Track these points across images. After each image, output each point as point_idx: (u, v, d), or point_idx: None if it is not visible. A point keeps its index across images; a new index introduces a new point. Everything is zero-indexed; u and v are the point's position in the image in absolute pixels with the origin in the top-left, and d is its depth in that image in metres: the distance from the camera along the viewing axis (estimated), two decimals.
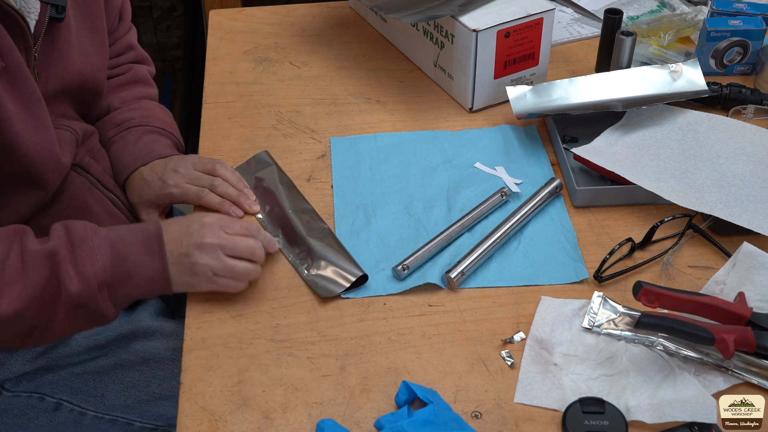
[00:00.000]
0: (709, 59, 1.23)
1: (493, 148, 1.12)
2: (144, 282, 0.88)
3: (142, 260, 0.88)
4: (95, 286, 0.85)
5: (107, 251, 0.86)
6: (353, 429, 0.79)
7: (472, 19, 1.11)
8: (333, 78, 1.27)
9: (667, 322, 0.81)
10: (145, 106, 1.14)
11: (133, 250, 0.88)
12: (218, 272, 0.89)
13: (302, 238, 0.98)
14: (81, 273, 0.84)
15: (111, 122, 1.11)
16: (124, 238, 0.88)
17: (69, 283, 0.83)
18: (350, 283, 0.92)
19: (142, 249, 0.88)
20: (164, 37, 2.52)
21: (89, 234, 0.87)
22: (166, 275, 0.88)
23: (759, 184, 0.99)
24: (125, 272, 0.87)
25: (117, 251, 0.87)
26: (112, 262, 0.86)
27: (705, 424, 0.76)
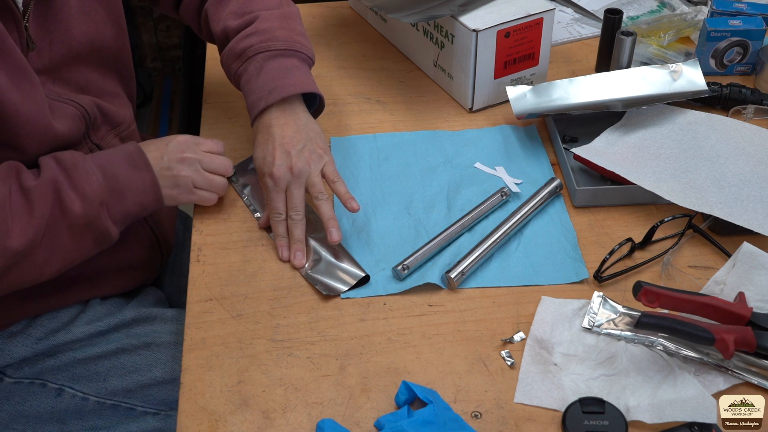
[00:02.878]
0: (709, 59, 1.23)
1: (493, 148, 1.12)
2: (137, 195, 0.92)
3: (132, 175, 0.92)
4: (97, 203, 0.88)
5: (98, 172, 0.89)
6: (353, 429, 0.79)
7: (472, 19, 1.11)
8: (333, 78, 1.27)
9: (667, 322, 0.81)
10: (261, 27, 1.03)
11: (121, 169, 0.91)
12: (198, 184, 0.96)
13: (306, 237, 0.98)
14: (81, 194, 0.87)
15: (232, 54, 1.03)
16: (109, 159, 0.92)
17: (73, 204, 0.87)
18: (353, 284, 0.92)
19: (129, 166, 0.92)
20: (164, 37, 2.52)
21: (79, 159, 0.90)
22: (156, 186, 0.93)
23: (759, 184, 0.99)
24: (119, 189, 0.90)
25: (107, 171, 0.90)
26: (105, 181, 0.89)
27: (705, 424, 0.76)
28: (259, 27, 1.03)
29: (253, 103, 1.00)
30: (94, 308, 1.04)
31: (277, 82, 0.99)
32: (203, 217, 1.03)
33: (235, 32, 1.04)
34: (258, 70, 1.00)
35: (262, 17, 1.04)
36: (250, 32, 1.02)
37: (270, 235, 0.99)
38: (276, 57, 1.01)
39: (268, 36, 1.02)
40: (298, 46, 1.03)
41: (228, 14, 1.05)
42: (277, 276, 0.95)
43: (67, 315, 1.02)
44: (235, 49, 1.03)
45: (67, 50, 0.96)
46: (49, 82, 0.94)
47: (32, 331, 1.01)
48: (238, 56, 1.02)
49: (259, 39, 1.02)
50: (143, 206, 0.94)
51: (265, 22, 1.03)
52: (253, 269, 0.96)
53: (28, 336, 1.01)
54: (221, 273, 0.95)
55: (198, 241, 0.99)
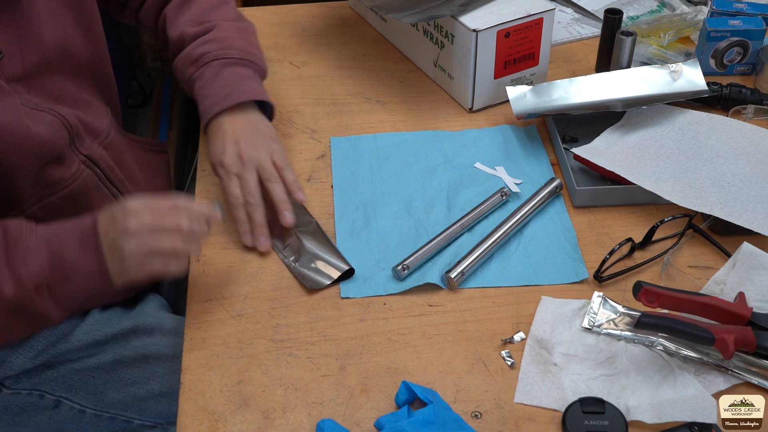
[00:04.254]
0: (709, 59, 1.23)
1: (493, 148, 1.12)
2: (83, 280, 0.82)
3: (80, 257, 0.82)
4: (31, 288, 0.79)
5: (44, 250, 0.81)
6: (353, 429, 0.79)
7: (472, 19, 1.11)
8: (333, 78, 1.27)
9: (667, 322, 0.81)
10: (219, 35, 1.05)
11: (70, 248, 0.82)
12: (148, 257, 0.83)
13: (290, 231, 0.98)
14: (15, 275, 0.79)
15: (188, 59, 1.04)
16: (60, 235, 0.83)
17: (4, 286, 0.78)
18: (337, 276, 0.93)
19: (79, 246, 0.82)
20: None
21: (24, 233, 0.82)
22: (105, 271, 0.82)
23: (759, 184, 0.99)
24: (63, 272, 0.82)
25: (53, 250, 0.82)
26: (49, 262, 0.81)
27: (705, 424, 0.76)
28: (216, 35, 1.05)
29: (207, 107, 1.01)
30: (94, 317, 1.03)
31: (233, 88, 1.01)
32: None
33: (192, 38, 1.05)
34: (214, 76, 1.02)
35: (220, 27, 1.06)
36: (207, 39, 1.04)
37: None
38: (231, 65, 1.03)
39: (226, 44, 1.04)
40: (254, 58, 1.06)
41: (186, 21, 1.07)
42: (277, 276, 0.95)
43: (68, 326, 1.01)
44: (192, 55, 1.04)
45: (39, 57, 0.92)
46: (24, 92, 0.90)
47: (34, 343, 0.99)
48: (194, 61, 1.04)
49: (216, 46, 1.03)
50: (90, 291, 0.84)
51: (223, 32, 1.06)
52: (253, 269, 0.96)
53: (30, 348, 1.00)
54: (221, 273, 0.95)
55: None
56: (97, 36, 1.01)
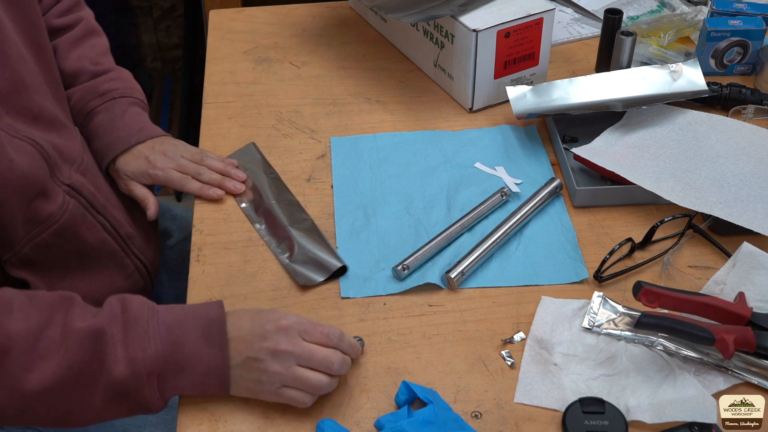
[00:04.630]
0: (709, 59, 1.23)
1: (493, 148, 1.12)
2: (199, 376, 0.78)
3: (199, 351, 0.77)
4: (144, 374, 0.75)
5: (163, 336, 0.77)
6: (353, 429, 0.79)
7: (472, 19, 1.11)
8: (333, 78, 1.27)
9: (667, 322, 0.81)
10: (122, 75, 1.13)
11: (191, 338, 0.77)
12: (287, 383, 0.78)
13: (284, 228, 0.99)
14: (130, 357, 0.75)
15: (93, 91, 1.08)
16: (182, 321, 0.78)
17: (114, 366, 0.74)
18: (330, 274, 0.93)
19: (202, 337, 0.78)
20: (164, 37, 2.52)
21: (145, 314, 0.77)
22: (225, 373, 0.78)
23: (759, 184, 0.99)
24: (179, 363, 0.77)
25: (174, 337, 0.77)
26: (165, 350, 0.76)
27: (705, 424, 0.76)
28: (119, 76, 1.12)
29: (120, 138, 1.06)
30: None
31: (144, 124, 1.09)
32: (203, 217, 1.03)
33: (91, 75, 1.10)
34: (123, 111, 1.08)
35: (119, 71, 1.14)
36: (112, 77, 1.11)
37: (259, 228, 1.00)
38: (134, 104, 1.11)
39: (128, 86, 1.12)
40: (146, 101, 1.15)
41: (83, 57, 1.10)
42: (277, 276, 0.95)
43: None
44: (98, 89, 1.09)
45: (10, 74, 0.89)
46: (3, 114, 0.88)
47: None
48: (100, 95, 1.08)
49: (122, 85, 1.11)
50: (201, 388, 0.79)
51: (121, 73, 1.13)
52: (253, 269, 0.96)
53: None
54: (221, 273, 0.95)
55: (198, 241, 0.99)
56: (45, 50, 0.99)
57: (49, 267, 0.94)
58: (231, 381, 0.79)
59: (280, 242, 0.98)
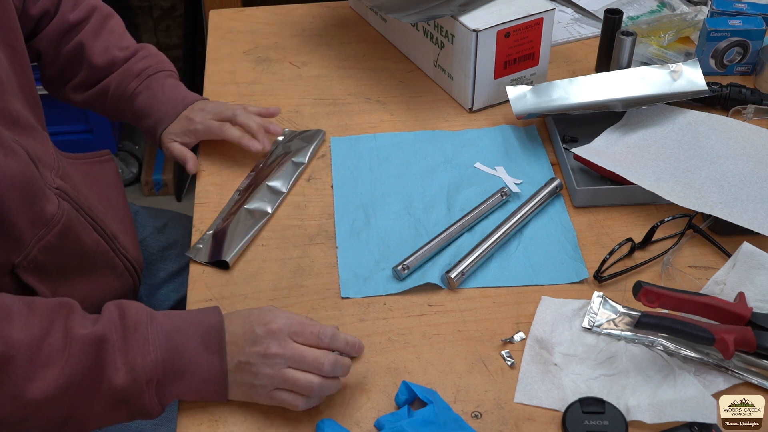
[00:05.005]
0: (709, 59, 1.23)
1: (493, 148, 1.12)
2: (198, 383, 0.78)
3: (198, 358, 0.78)
4: (143, 381, 0.76)
5: (162, 342, 0.77)
6: (353, 429, 0.79)
7: (472, 19, 1.11)
8: (333, 78, 1.27)
9: (667, 322, 0.81)
10: (150, 52, 1.16)
11: (190, 345, 0.78)
12: (279, 386, 0.79)
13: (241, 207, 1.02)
14: (129, 365, 0.75)
15: (129, 73, 1.11)
16: (181, 328, 0.79)
17: (114, 374, 0.75)
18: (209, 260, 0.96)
19: (200, 344, 0.78)
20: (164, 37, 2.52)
21: (144, 320, 0.78)
22: (223, 379, 0.79)
23: (759, 184, 0.99)
24: (178, 369, 0.77)
25: (173, 344, 0.78)
26: (165, 356, 0.77)
27: (705, 424, 0.76)
28: (148, 53, 1.16)
29: (167, 112, 1.10)
30: None
31: (185, 94, 1.13)
32: (203, 217, 1.03)
33: (123, 60, 1.12)
34: (161, 86, 1.12)
35: (144, 47, 1.16)
36: (143, 56, 1.14)
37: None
38: (169, 77, 1.14)
39: (159, 60, 1.16)
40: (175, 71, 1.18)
41: (110, 47, 1.12)
42: (277, 276, 0.95)
43: None
44: (133, 70, 1.12)
45: None
46: None
47: None
48: (137, 75, 1.11)
49: (154, 61, 1.14)
50: (200, 395, 0.80)
51: (149, 50, 1.17)
52: (253, 269, 0.96)
53: None
54: (221, 273, 0.95)
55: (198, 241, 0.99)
56: (19, 53, 0.96)
57: (54, 271, 0.93)
58: (228, 386, 0.79)
59: (227, 216, 1.02)
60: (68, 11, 1.11)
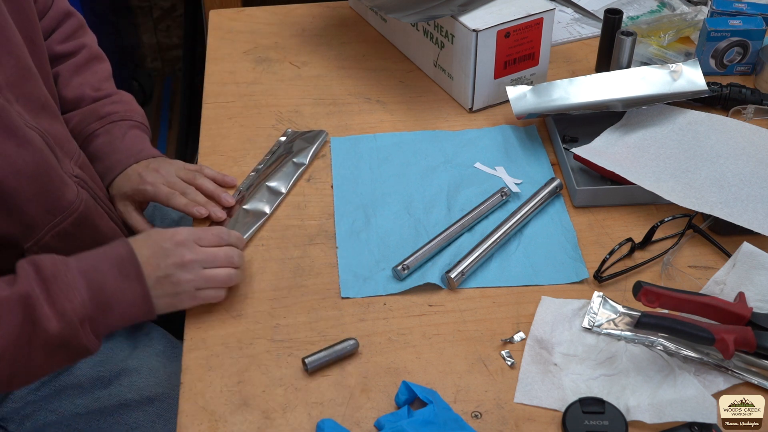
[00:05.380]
0: (709, 59, 1.23)
1: (493, 148, 1.12)
2: (126, 309, 0.84)
3: (121, 287, 0.83)
4: (76, 322, 0.80)
5: (82, 284, 0.81)
6: (353, 429, 0.79)
7: (472, 19, 1.11)
8: (333, 78, 1.27)
9: (667, 322, 0.81)
10: (123, 99, 1.13)
11: (109, 278, 0.83)
12: (200, 286, 0.87)
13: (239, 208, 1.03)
14: (60, 312, 0.79)
15: (93, 114, 1.08)
16: (96, 266, 0.83)
17: (48, 323, 0.78)
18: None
19: (119, 275, 0.83)
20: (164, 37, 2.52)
21: (61, 268, 0.81)
22: (148, 299, 0.84)
23: (759, 184, 0.99)
24: (105, 303, 0.82)
25: (93, 282, 0.82)
26: (90, 295, 0.81)
27: (705, 424, 0.76)
28: (120, 99, 1.13)
29: (119, 159, 1.06)
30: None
31: (143, 146, 1.09)
32: (203, 218, 1.03)
33: (92, 100, 1.10)
34: (123, 134, 1.08)
35: (120, 94, 1.14)
36: (114, 100, 1.11)
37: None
38: (135, 127, 1.11)
39: (129, 108, 1.12)
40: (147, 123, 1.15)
41: (84, 84, 1.11)
42: (277, 276, 0.95)
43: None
44: (99, 112, 1.09)
45: (16, 61, 0.90)
46: (14, 101, 0.89)
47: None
48: (100, 118, 1.08)
49: (122, 108, 1.11)
50: (131, 319, 0.85)
51: (124, 97, 1.14)
52: (253, 269, 0.96)
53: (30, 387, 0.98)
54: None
55: None
56: (38, 46, 0.99)
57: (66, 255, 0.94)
58: (154, 304, 0.85)
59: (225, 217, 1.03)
60: (57, 42, 1.11)
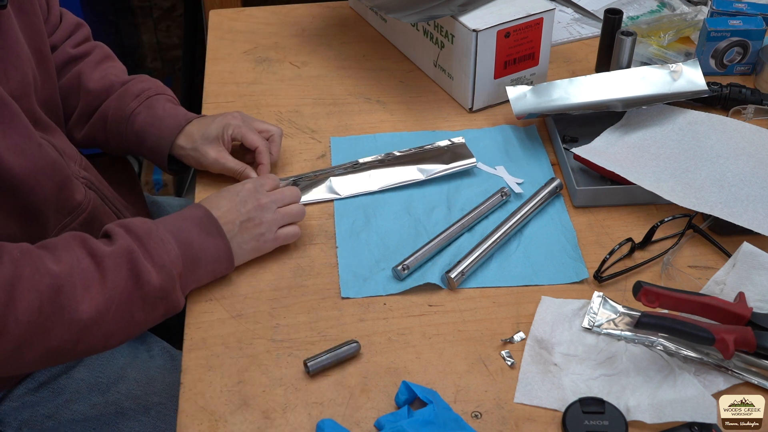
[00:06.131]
0: (709, 59, 1.23)
1: (493, 148, 1.12)
2: (211, 264, 0.90)
3: (205, 243, 0.89)
4: (175, 275, 0.85)
5: (173, 241, 0.87)
6: (353, 429, 0.79)
7: (472, 19, 1.11)
8: (333, 78, 1.27)
9: (667, 322, 0.81)
10: (149, 78, 1.13)
11: (194, 235, 0.88)
12: (281, 223, 0.94)
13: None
14: (159, 265, 0.84)
15: (128, 95, 1.08)
16: (180, 226, 0.89)
17: (149, 276, 0.83)
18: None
19: (202, 232, 0.89)
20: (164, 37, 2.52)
21: (151, 227, 0.86)
22: (230, 253, 0.91)
23: (759, 184, 0.99)
24: (193, 258, 0.88)
25: (180, 239, 0.87)
26: (181, 251, 0.87)
27: (705, 424, 0.76)
28: (147, 78, 1.14)
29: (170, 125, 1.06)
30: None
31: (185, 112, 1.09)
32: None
33: (121, 83, 1.10)
34: (163, 105, 1.09)
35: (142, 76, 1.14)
36: (142, 80, 1.12)
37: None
38: (170, 101, 1.11)
39: (159, 85, 1.13)
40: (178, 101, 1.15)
41: (107, 74, 1.11)
42: (277, 276, 0.95)
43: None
44: (132, 91, 1.09)
45: (21, 77, 0.91)
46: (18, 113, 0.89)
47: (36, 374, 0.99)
48: (136, 96, 1.08)
49: (153, 85, 1.12)
50: (215, 275, 0.91)
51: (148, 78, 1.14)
52: (253, 269, 0.96)
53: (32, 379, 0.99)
54: None
55: None
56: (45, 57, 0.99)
57: None
58: (234, 256, 0.91)
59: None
60: (71, 46, 1.12)
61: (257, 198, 0.94)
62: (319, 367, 0.84)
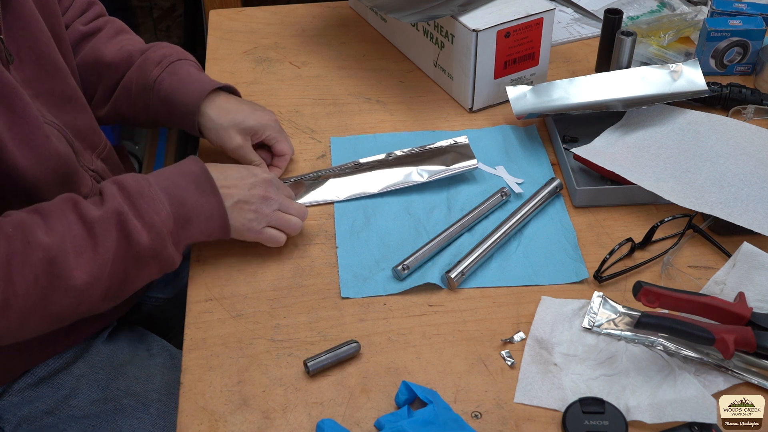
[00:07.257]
0: (709, 59, 1.23)
1: (493, 148, 1.12)
2: (204, 222, 0.90)
3: (199, 201, 0.89)
4: (165, 234, 0.86)
5: (166, 198, 0.86)
6: (353, 429, 0.79)
7: (472, 19, 1.11)
8: (333, 78, 1.27)
9: (667, 322, 0.81)
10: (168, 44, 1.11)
11: (188, 193, 0.88)
12: (273, 224, 0.94)
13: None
14: (149, 224, 0.84)
15: (149, 63, 1.06)
16: (175, 182, 0.88)
17: (139, 236, 0.84)
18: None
19: (196, 190, 0.89)
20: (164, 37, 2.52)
21: (144, 185, 0.86)
22: (224, 213, 0.90)
23: (759, 184, 0.99)
24: (186, 216, 0.88)
25: (174, 197, 0.87)
26: (173, 209, 0.87)
27: (705, 424, 0.76)
28: (166, 44, 1.11)
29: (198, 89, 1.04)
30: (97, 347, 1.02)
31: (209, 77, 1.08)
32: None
33: (141, 52, 1.09)
34: (186, 71, 1.07)
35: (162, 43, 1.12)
36: (161, 46, 1.10)
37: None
38: (192, 66, 1.09)
39: (179, 50, 1.11)
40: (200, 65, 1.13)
41: (124, 46, 1.09)
42: (277, 276, 0.95)
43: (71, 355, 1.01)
44: (153, 58, 1.07)
45: (36, 57, 0.91)
46: (33, 97, 0.89)
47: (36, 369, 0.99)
48: (158, 63, 1.06)
49: (174, 50, 1.10)
50: (208, 234, 0.91)
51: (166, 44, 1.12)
52: (253, 269, 0.96)
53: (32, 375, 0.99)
54: (221, 273, 0.95)
55: None
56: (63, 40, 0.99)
57: None
58: (228, 217, 0.91)
59: None
60: (82, 24, 1.11)
61: (267, 190, 0.94)
62: (319, 367, 0.84)
